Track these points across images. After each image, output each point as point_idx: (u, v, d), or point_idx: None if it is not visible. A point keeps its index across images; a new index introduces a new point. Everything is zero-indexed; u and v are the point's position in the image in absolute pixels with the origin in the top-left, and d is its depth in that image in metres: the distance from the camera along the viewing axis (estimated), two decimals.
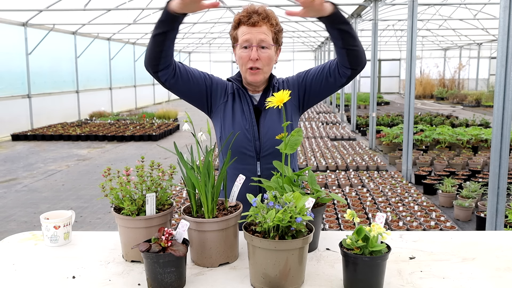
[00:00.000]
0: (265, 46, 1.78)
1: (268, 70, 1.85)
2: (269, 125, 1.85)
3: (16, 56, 11.81)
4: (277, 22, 1.83)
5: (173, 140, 1.64)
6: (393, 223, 4.38)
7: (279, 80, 1.98)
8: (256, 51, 1.77)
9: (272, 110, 1.86)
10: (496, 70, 3.53)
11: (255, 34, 1.76)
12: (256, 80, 1.83)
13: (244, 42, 1.77)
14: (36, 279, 1.43)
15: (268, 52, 1.80)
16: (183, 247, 1.35)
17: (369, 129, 9.30)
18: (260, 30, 1.77)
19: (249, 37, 1.77)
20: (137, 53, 19.82)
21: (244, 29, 1.78)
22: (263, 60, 1.79)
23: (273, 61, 1.85)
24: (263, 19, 1.77)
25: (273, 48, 1.82)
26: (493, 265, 1.48)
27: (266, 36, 1.78)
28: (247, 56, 1.78)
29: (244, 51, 1.79)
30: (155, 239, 1.37)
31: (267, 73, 1.85)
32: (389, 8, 13.27)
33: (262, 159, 1.84)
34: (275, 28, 1.81)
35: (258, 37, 1.77)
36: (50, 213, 1.73)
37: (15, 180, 6.95)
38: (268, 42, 1.78)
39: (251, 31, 1.76)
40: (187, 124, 1.64)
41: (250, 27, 1.76)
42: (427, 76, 24.91)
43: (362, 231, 1.28)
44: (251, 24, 1.76)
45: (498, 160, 3.55)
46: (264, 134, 1.84)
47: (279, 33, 1.85)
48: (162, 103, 21.78)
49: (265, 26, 1.78)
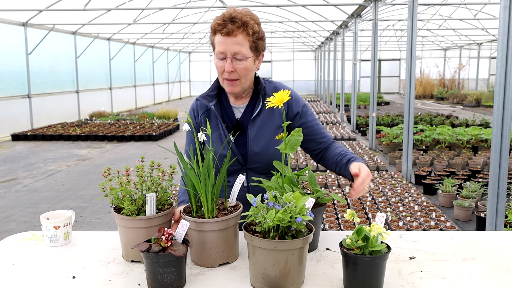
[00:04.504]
0: (240, 58, 1.67)
1: (246, 81, 1.75)
2: (257, 139, 1.78)
3: (16, 56, 11.81)
4: (255, 30, 1.68)
5: (173, 140, 1.64)
6: (393, 223, 4.38)
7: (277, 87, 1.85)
8: (230, 63, 1.67)
9: (261, 120, 1.79)
10: (496, 70, 3.53)
11: (229, 45, 1.65)
12: (233, 91, 1.75)
13: (219, 53, 1.68)
14: (36, 279, 1.43)
15: (244, 64, 1.68)
16: (183, 247, 1.35)
17: (369, 129, 9.30)
18: (235, 41, 1.65)
19: (223, 49, 1.66)
20: (137, 53, 19.82)
21: (219, 39, 1.67)
22: (239, 71, 1.69)
23: (251, 71, 1.74)
24: (238, 28, 1.64)
25: (250, 58, 1.70)
26: (493, 265, 1.48)
27: (241, 47, 1.66)
28: (222, 67, 1.69)
29: (220, 62, 1.70)
30: (155, 239, 1.37)
31: (246, 83, 1.76)
32: (389, 8, 13.27)
33: (249, 171, 1.81)
34: (253, 37, 1.68)
35: (232, 50, 1.65)
36: (50, 213, 1.73)
37: (15, 180, 6.95)
38: (243, 54, 1.66)
39: (226, 42, 1.65)
40: (187, 124, 1.64)
41: (224, 37, 1.65)
42: (427, 76, 24.92)
43: (362, 231, 1.28)
44: (225, 33, 1.64)
45: (498, 160, 3.55)
46: (253, 146, 1.78)
47: (259, 41, 1.72)
48: (162, 103, 21.78)
49: (240, 36, 1.65)
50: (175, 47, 23.75)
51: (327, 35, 17.93)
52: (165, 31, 16.92)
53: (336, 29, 14.81)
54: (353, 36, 11.15)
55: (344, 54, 13.50)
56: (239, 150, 1.81)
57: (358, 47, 11.15)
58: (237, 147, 1.81)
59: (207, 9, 13.06)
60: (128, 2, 11.22)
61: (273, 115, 1.81)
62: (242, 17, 1.65)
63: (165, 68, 23.89)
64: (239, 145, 1.81)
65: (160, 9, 11.49)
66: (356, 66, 10.80)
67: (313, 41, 21.98)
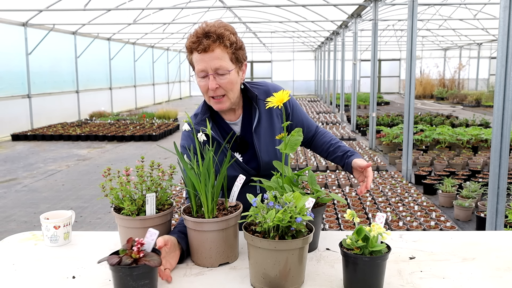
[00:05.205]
0: (222, 73, 1.61)
1: (234, 94, 1.68)
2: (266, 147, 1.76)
3: (16, 56, 11.81)
4: (232, 41, 1.61)
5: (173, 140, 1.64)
6: (393, 223, 4.38)
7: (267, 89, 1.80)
8: (214, 80, 1.60)
9: (263, 128, 1.77)
10: (496, 70, 3.53)
11: (208, 62, 1.58)
12: (222, 108, 1.68)
13: (200, 72, 1.62)
14: (36, 279, 1.43)
15: (227, 78, 1.62)
16: (157, 257, 1.27)
17: (369, 129, 9.30)
18: (213, 56, 1.58)
19: (203, 66, 1.59)
20: (137, 53, 19.82)
21: (197, 57, 1.60)
22: (224, 86, 1.63)
23: (236, 83, 1.67)
24: (214, 42, 1.57)
25: (233, 70, 1.63)
26: (493, 265, 1.48)
27: (221, 61, 1.59)
28: (205, 85, 1.63)
29: (202, 80, 1.63)
30: (124, 251, 1.28)
31: (234, 97, 1.69)
32: (389, 8, 13.27)
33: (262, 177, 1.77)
34: (232, 48, 1.61)
35: (212, 66, 1.59)
36: (50, 213, 1.73)
37: (15, 180, 6.95)
38: (224, 67, 1.60)
39: (204, 59, 1.58)
40: (187, 124, 1.64)
41: (202, 54, 1.58)
42: (427, 76, 24.92)
43: (362, 231, 1.28)
44: (202, 50, 1.57)
45: (498, 160, 3.55)
46: (263, 156, 1.76)
47: (239, 51, 1.65)
48: (162, 103, 21.78)
49: (218, 49, 1.58)
50: (175, 47, 23.75)
51: (327, 35, 17.93)
52: (165, 31, 16.92)
53: (336, 29, 14.81)
54: (353, 36, 11.14)
55: (344, 54, 13.50)
56: (250, 165, 1.77)
57: (358, 47, 11.15)
58: (247, 163, 1.77)
59: (207, 9, 13.07)
60: (128, 2, 11.22)
61: (272, 119, 1.79)
62: (216, 29, 1.58)
63: (165, 68, 23.89)
64: (249, 160, 1.78)
65: (160, 9, 11.49)
66: (356, 66, 10.80)
67: (313, 41, 21.97)
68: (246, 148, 1.78)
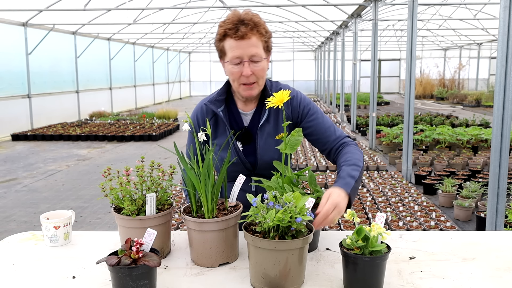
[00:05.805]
0: (257, 60, 1.64)
1: (263, 82, 1.73)
2: (267, 147, 1.76)
3: (16, 56, 11.81)
4: (266, 29, 1.66)
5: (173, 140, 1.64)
6: (393, 223, 4.38)
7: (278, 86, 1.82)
8: (248, 66, 1.63)
9: (269, 127, 1.76)
10: (496, 70, 3.53)
11: (245, 49, 1.60)
12: (251, 94, 1.71)
13: (234, 58, 1.63)
14: (36, 279, 1.43)
15: (261, 65, 1.65)
16: (156, 257, 1.27)
17: (369, 129, 9.30)
18: (250, 43, 1.60)
19: (239, 53, 1.61)
20: (137, 53, 19.82)
21: (232, 43, 1.61)
22: (257, 73, 1.66)
23: (266, 71, 1.72)
24: (251, 30, 1.60)
25: (265, 59, 1.68)
26: (493, 265, 1.48)
27: (257, 49, 1.62)
28: (239, 72, 1.64)
29: (235, 67, 1.65)
30: (122, 251, 1.28)
31: (262, 84, 1.73)
32: (389, 8, 13.27)
33: (257, 175, 1.79)
34: (266, 37, 1.66)
35: (249, 53, 1.61)
36: (50, 213, 1.73)
37: (15, 180, 6.95)
38: (259, 55, 1.63)
39: (241, 46, 1.60)
40: (187, 124, 1.64)
41: (238, 41, 1.60)
42: (427, 76, 24.92)
43: (362, 231, 1.28)
44: (239, 37, 1.59)
45: (498, 160, 3.55)
46: (262, 154, 1.77)
47: (269, 40, 1.70)
48: (162, 103, 21.78)
49: (254, 37, 1.61)
50: (175, 47, 23.75)
51: (327, 35, 17.93)
52: (165, 31, 16.92)
53: (336, 29, 14.80)
54: (353, 36, 11.14)
55: (344, 54, 13.50)
56: (248, 159, 1.79)
57: (358, 47, 11.15)
58: (246, 155, 1.79)
59: (207, 9, 13.07)
60: (128, 2, 11.22)
61: (280, 120, 1.78)
62: (252, 17, 1.62)
63: (165, 68, 23.89)
64: (248, 153, 1.79)
65: (160, 9, 11.50)
66: (356, 66, 10.80)
67: (313, 41, 21.98)
68: (249, 140, 1.79)
